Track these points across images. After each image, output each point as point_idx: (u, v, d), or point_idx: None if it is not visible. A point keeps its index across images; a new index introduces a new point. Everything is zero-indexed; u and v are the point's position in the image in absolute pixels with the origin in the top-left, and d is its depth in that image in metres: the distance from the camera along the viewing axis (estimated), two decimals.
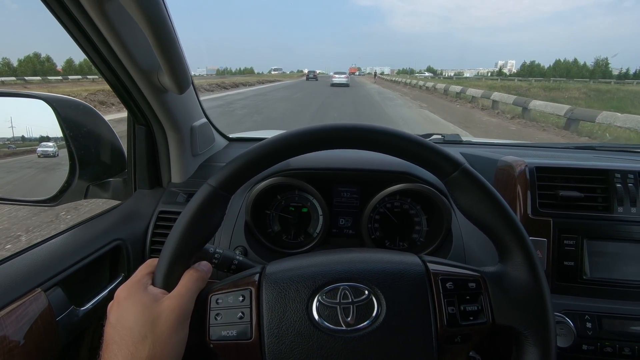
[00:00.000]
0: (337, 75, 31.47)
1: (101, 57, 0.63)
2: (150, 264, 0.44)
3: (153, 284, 0.42)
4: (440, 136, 1.26)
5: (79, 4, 0.52)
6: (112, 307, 0.41)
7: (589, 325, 0.64)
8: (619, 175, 0.71)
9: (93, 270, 0.68)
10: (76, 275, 0.62)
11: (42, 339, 0.53)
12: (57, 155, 0.84)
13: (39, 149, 0.84)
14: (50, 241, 0.65)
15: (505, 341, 0.45)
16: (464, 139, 1.27)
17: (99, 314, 0.65)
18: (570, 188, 0.71)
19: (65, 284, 0.60)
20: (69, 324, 0.58)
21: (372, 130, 0.44)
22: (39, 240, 0.65)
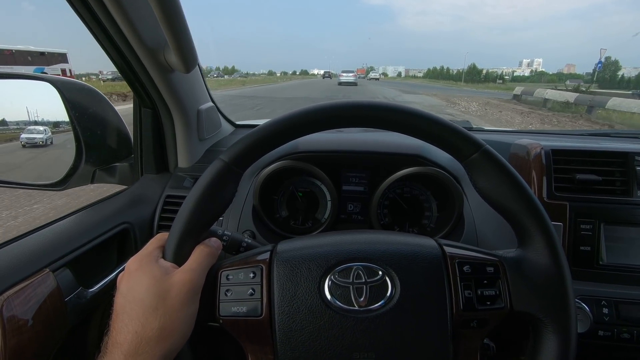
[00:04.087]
0: (344, 74, 32.68)
1: (107, 35, 0.62)
2: (160, 237, 0.43)
3: (163, 257, 0.42)
4: None
5: None
6: (122, 277, 0.40)
7: (605, 310, 0.63)
8: (639, 158, 0.69)
9: (101, 253, 0.68)
10: (84, 257, 0.62)
11: (50, 319, 0.53)
12: (50, 143, 0.79)
13: (24, 135, 0.76)
14: (58, 223, 0.65)
15: (521, 329, 0.44)
16: (474, 126, 1.24)
17: (107, 296, 0.64)
18: (587, 171, 0.69)
19: (74, 266, 0.60)
20: (78, 305, 0.58)
21: (390, 109, 0.43)
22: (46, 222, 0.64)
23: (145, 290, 0.38)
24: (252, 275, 0.42)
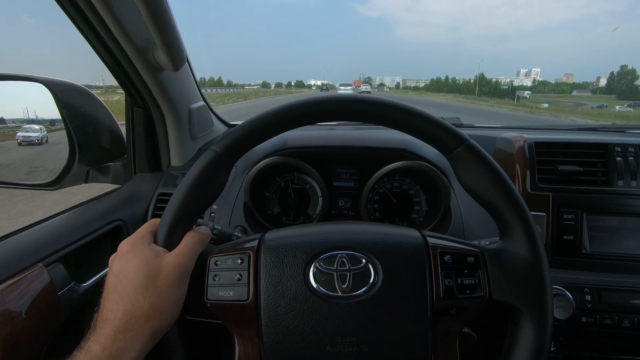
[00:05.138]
0: (342, 87, 31.71)
1: (97, 35, 0.63)
2: (153, 223, 0.45)
3: (155, 242, 0.43)
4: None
5: None
6: (115, 258, 0.42)
7: (588, 297, 0.64)
8: (619, 149, 0.71)
9: (94, 249, 0.69)
10: (77, 252, 0.63)
11: (43, 312, 0.54)
12: (46, 141, 0.80)
13: (20, 133, 0.77)
14: (52, 219, 0.66)
15: (501, 319, 0.45)
16: (464, 122, 1.26)
17: (100, 291, 0.65)
18: (569, 163, 0.71)
19: (67, 261, 0.61)
20: (70, 299, 0.59)
21: (377, 103, 0.44)
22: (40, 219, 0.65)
23: (136, 271, 0.39)
24: (239, 261, 0.43)
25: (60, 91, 0.76)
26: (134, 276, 0.39)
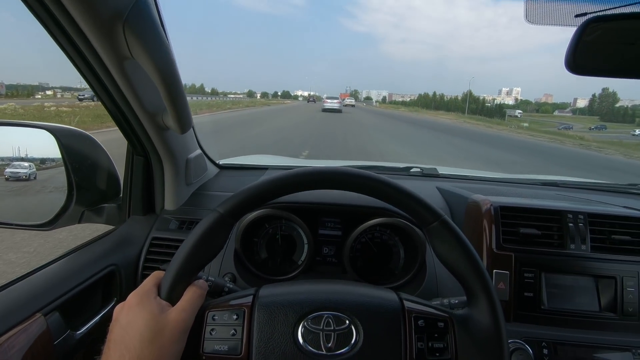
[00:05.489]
0: (329, 101, 31.34)
1: (111, 98, 0.69)
2: (157, 276, 0.49)
3: (159, 294, 0.47)
4: (419, 169, 1.35)
5: (100, 61, 0.58)
6: (123, 309, 0.45)
7: (545, 351, 0.71)
8: (571, 216, 0.80)
9: (88, 295, 0.71)
10: (73, 300, 0.65)
11: None
12: (34, 178, 0.83)
13: (8, 169, 0.81)
14: (49, 266, 0.68)
15: None
16: (440, 172, 1.36)
17: (92, 337, 0.67)
18: (529, 226, 0.80)
19: (63, 309, 0.63)
20: (65, 348, 0.61)
21: (364, 177, 0.51)
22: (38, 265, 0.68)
23: (144, 325, 0.42)
24: (235, 317, 0.47)
25: (64, 137, 0.80)
26: (142, 330, 0.42)
